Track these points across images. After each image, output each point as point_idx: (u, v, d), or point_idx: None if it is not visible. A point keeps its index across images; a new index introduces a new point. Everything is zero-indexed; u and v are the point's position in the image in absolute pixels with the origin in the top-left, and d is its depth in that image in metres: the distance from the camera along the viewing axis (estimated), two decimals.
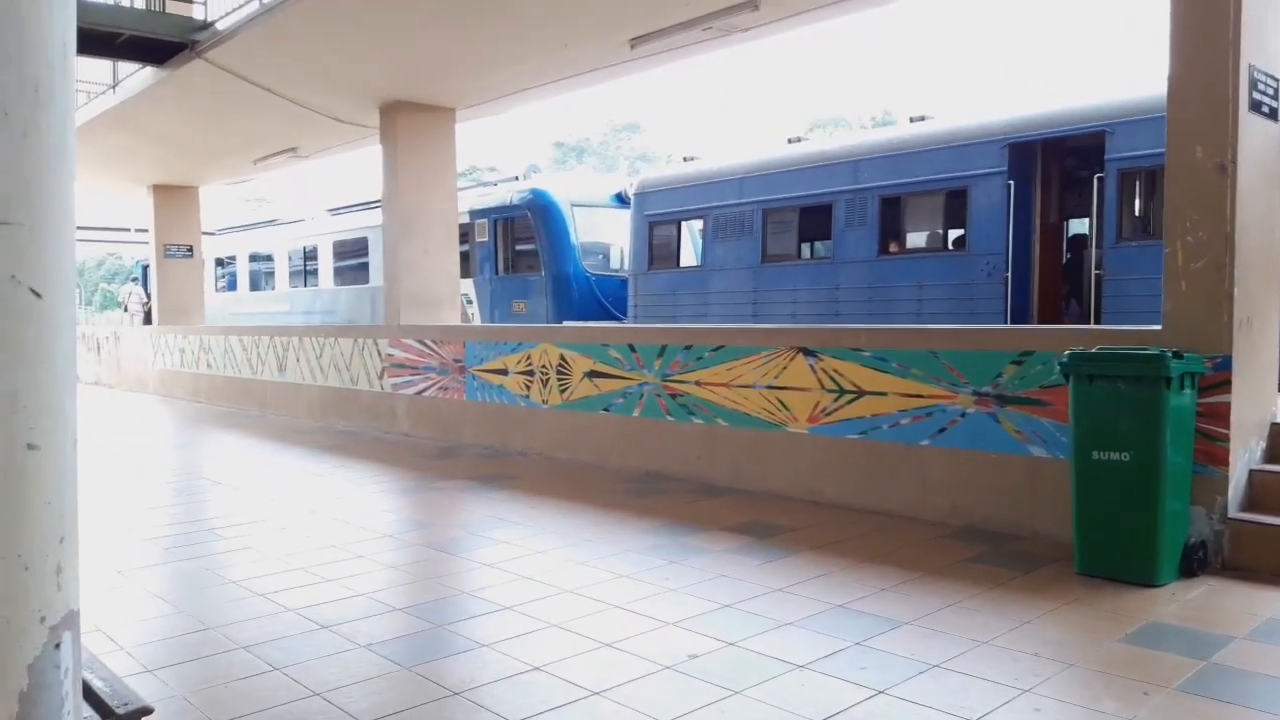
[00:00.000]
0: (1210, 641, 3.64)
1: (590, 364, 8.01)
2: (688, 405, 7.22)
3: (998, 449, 5.48)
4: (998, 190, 10.42)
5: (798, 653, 3.59)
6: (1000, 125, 10.63)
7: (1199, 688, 3.21)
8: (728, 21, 7.82)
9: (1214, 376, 4.61)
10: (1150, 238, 9.00)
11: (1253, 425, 4.81)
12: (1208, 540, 4.60)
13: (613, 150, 56.64)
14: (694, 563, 4.89)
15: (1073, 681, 3.31)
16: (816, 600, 4.23)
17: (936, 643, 3.67)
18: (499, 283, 15.98)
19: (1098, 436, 4.51)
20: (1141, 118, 9.09)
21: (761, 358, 6.72)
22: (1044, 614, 4.01)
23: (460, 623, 4.03)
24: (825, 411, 6.34)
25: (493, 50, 8.63)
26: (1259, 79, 4.72)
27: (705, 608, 4.15)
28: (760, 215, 12.70)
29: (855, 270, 11.66)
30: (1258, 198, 4.77)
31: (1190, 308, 4.72)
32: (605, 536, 5.50)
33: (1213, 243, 4.65)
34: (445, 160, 10.76)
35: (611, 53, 8.75)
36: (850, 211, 11.71)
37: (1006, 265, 10.33)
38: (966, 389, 5.63)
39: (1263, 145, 4.80)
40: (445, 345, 9.72)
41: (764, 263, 12.66)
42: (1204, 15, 4.67)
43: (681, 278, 13.89)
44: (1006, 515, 5.44)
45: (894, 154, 11.48)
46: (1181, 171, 4.77)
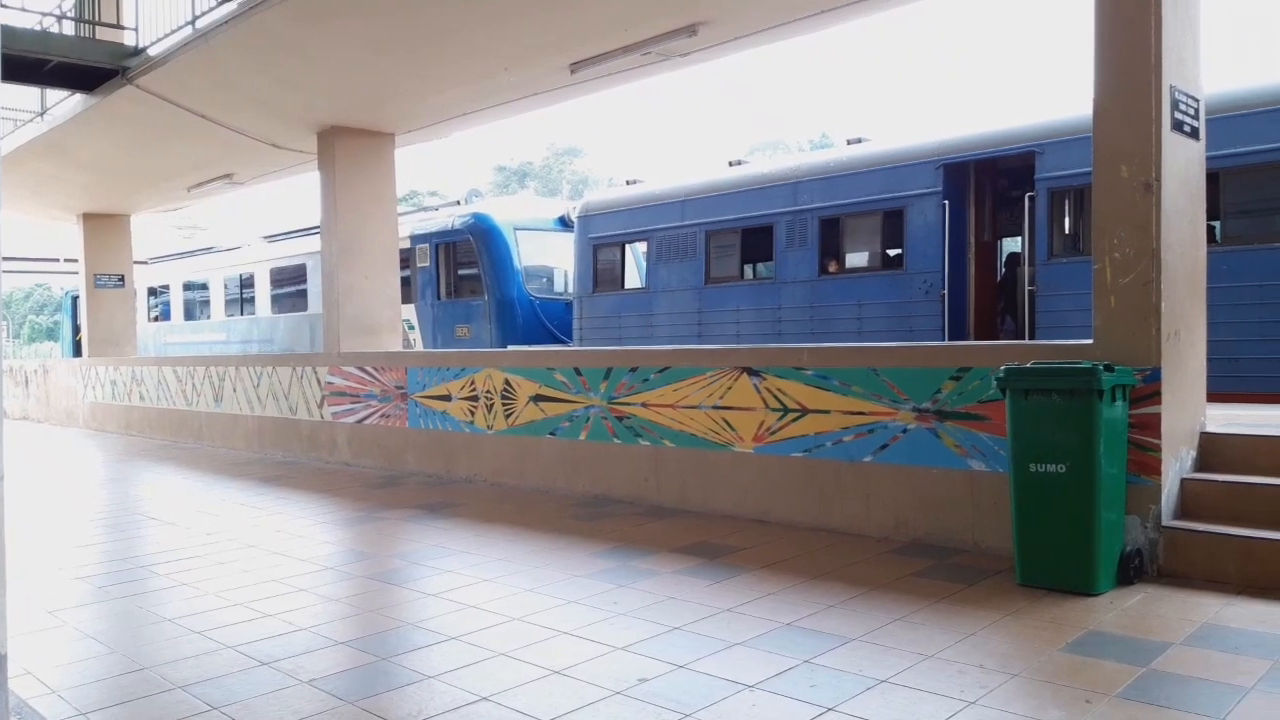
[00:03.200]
0: (1148, 648, 3.72)
1: (536, 388, 7.96)
2: (634, 427, 7.21)
3: (939, 464, 5.56)
4: (933, 210, 10.64)
5: (747, 673, 3.58)
6: (934, 147, 10.88)
7: (1139, 694, 3.27)
8: (666, 46, 7.89)
9: (1144, 388, 4.73)
10: (1080, 254, 9.25)
11: (1183, 435, 4.95)
12: (1143, 549, 4.71)
13: (555, 174, 56.74)
14: (643, 586, 4.86)
15: (1017, 692, 3.35)
16: (765, 619, 4.23)
17: (884, 658, 3.69)
18: (441, 308, 15.84)
19: (1034, 449, 4.60)
20: (1070, 138, 9.37)
21: (707, 378, 6.74)
22: (988, 626, 4.06)
23: (405, 655, 3.96)
24: (770, 431, 6.37)
25: (432, 75, 8.60)
26: (1180, 99, 4.89)
27: (655, 631, 4.13)
28: (703, 237, 12.80)
29: (797, 290, 11.80)
30: (1182, 214, 4.93)
31: (1120, 322, 4.85)
32: (553, 562, 5.45)
33: (1140, 258, 4.79)
34: (385, 185, 10.66)
35: (552, 77, 8.78)
36: (791, 232, 11.86)
37: (943, 283, 10.54)
38: (907, 405, 5.70)
39: (1185, 163, 4.97)
40: (387, 372, 9.59)
41: (708, 284, 12.75)
42: (1127, 39, 4.83)
43: (626, 300, 13.92)
44: (949, 529, 5.51)
45: (832, 176, 11.67)
46: (1108, 190, 4.92)
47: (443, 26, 7.39)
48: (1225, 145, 7.92)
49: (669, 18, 7.31)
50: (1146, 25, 4.76)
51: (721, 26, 7.54)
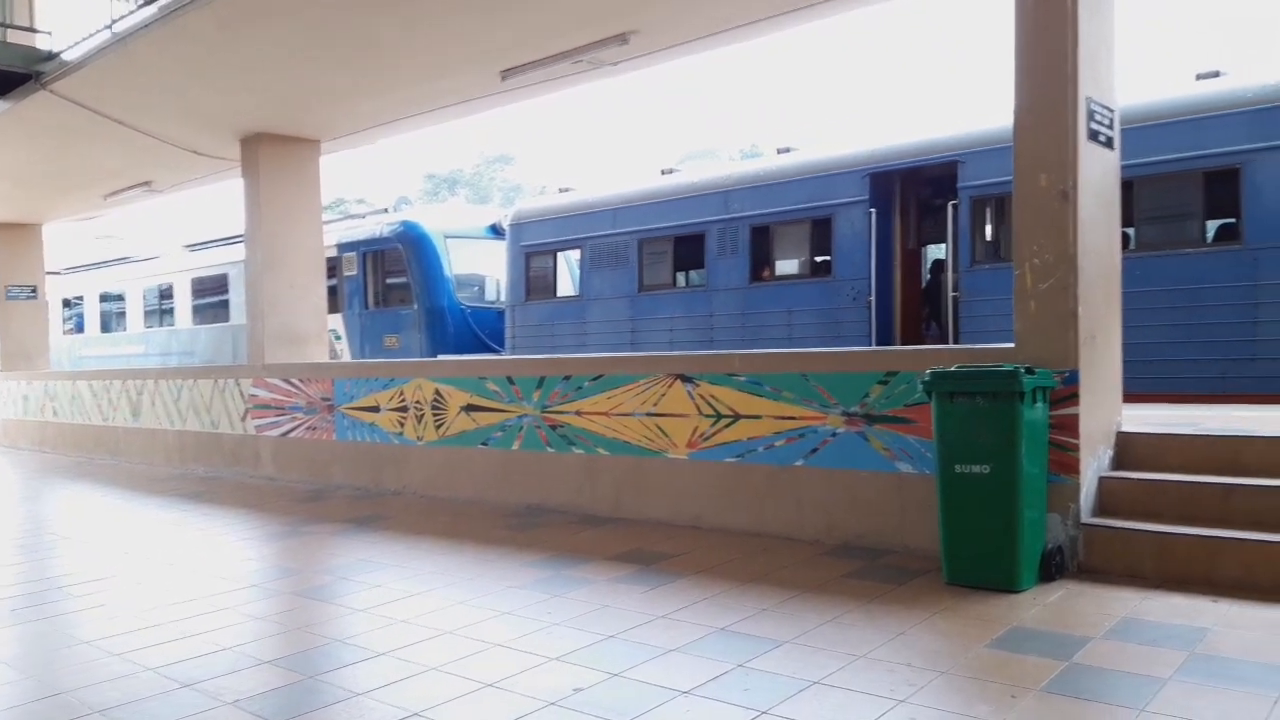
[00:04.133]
0: (1070, 643, 3.81)
1: (467, 398, 7.88)
2: (568, 436, 7.18)
3: (868, 467, 5.65)
4: (860, 218, 10.84)
5: (682, 679, 3.58)
6: (861, 156, 11.08)
7: (1062, 688, 3.35)
8: (597, 55, 7.90)
9: (1063, 390, 4.88)
10: (1002, 261, 9.50)
11: (1100, 435, 5.10)
12: (1064, 546, 4.84)
13: (485, 181, 56.32)
14: (577, 595, 4.83)
15: (946, 689, 3.41)
16: (700, 625, 4.24)
17: (816, 659, 3.73)
18: (369, 317, 15.61)
19: (959, 451, 4.70)
20: (991, 148, 9.63)
21: (640, 385, 6.75)
22: (916, 624, 4.13)
23: (333, 672, 3.86)
24: (703, 437, 6.40)
25: (359, 81, 8.46)
26: (1096, 110, 5.06)
27: (589, 640, 4.10)
28: (636, 245, 12.84)
29: (728, 297, 11.90)
30: (1097, 222, 5.10)
31: (1040, 326, 4.99)
32: (486, 574, 5.38)
33: (1058, 265, 4.93)
34: (310, 193, 10.46)
35: (482, 84, 8.71)
36: (722, 240, 11.97)
37: (870, 290, 10.73)
38: (836, 410, 5.78)
39: (1101, 172, 5.15)
40: (312, 383, 9.39)
41: (641, 292, 12.79)
42: (1045, 52, 4.99)
43: (559, 308, 13.88)
44: (878, 530, 5.59)
45: (762, 184, 11.82)
46: (1028, 198, 5.06)
47: (371, 33, 7.28)
48: (1138, 155, 8.22)
49: (600, 26, 7.31)
50: (1064, 39, 4.92)
51: (653, 36, 7.57)
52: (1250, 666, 3.46)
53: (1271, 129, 8.39)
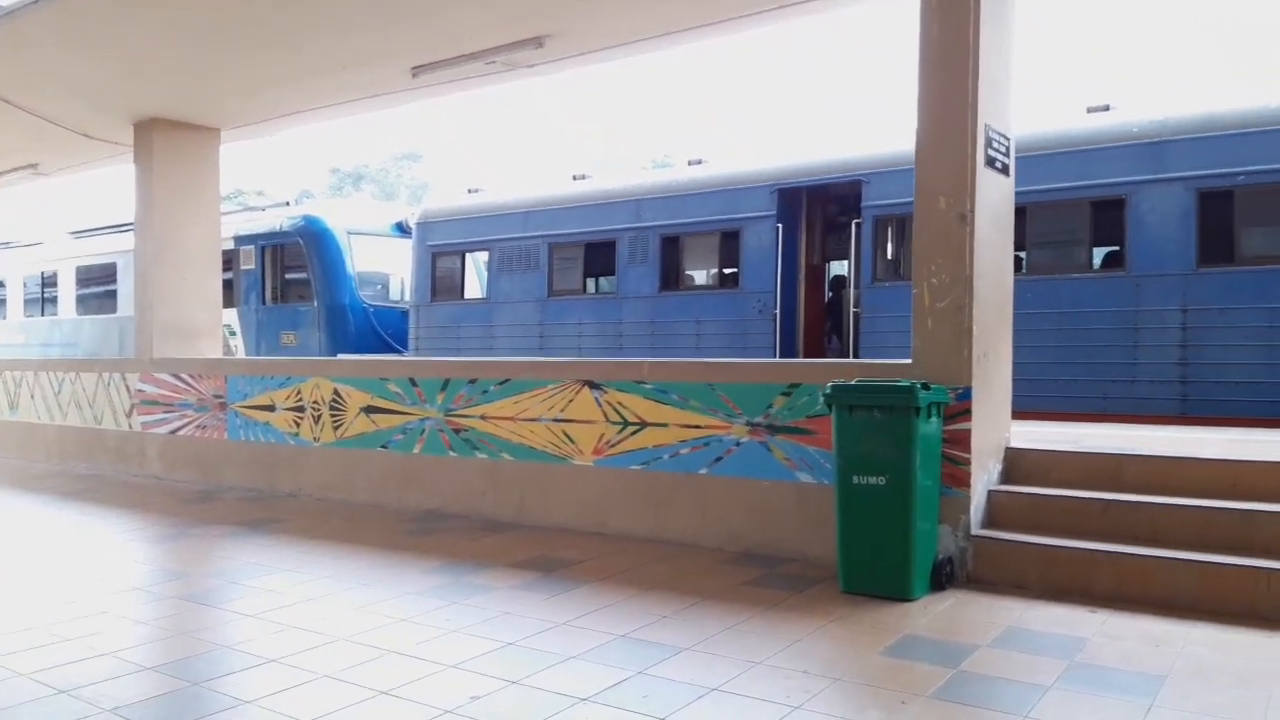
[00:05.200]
0: (958, 650, 3.94)
1: (367, 399, 7.70)
2: (472, 440, 7.09)
3: (770, 476, 5.74)
4: (767, 233, 11.03)
5: (582, 686, 3.57)
6: (770, 172, 11.29)
7: (950, 694, 3.46)
8: (511, 57, 7.84)
9: (957, 406, 5.05)
10: (901, 279, 9.79)
11: (990, 449, 5.30)
12: (954, 556, 5.01)
13: (393, 178, 55.23)
14: (477, 602, 4.77)
15: (839, 695, 3.49)
16: (601, 632, 4.23)
17: (715, 666, 3.76)
18: (266, 313, 15.14)
19: (857, 462, 4.82)
20: (894, 169, 9.92)
21: (548, 391, 6.71)
22: (812, 632, 4.21)
23: (220, 679, 3.72)
24: (610, 443, 6.41)
25: (263, 70, 8.20)
26: (994, 138, 5.27)
27: (488, 647, 4.06)
28: (546, 249, 12.79)
29: (638, 305, 11.95)
30: (992, 245, 5.30)
31: (936, 343, 5.16)
32: (382, 579, 5.27)
33: (955, 285, 5.11)
34: (208, 182, 10.08)
35: (392, 80, 8.54)
36: (633, 248, 12.02)
37: (776, 303, 10.93)
38: (741, 419, 5.86)
39: (997, 197, 5.36)
40: (204, 380, 9.05)
41: (550, 296, 12.74)
42: (947, 80, 5.17)
43: (466, 310, 13.72)
44: (778, 539, 5.69)
45: (674, 195, 11.92)
46: (927, 220, 5.24)
47: (277, 22, 7.07)
48: (1031, 182, 8.58)
49: (516, 29, 7.26)
50: (965, 68, 5.11)
51: (568, 41, 7.56)
52: (1126, 675, 3.63)
53: (1155, 162, 8.88)
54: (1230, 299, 8.48)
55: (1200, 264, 8.64)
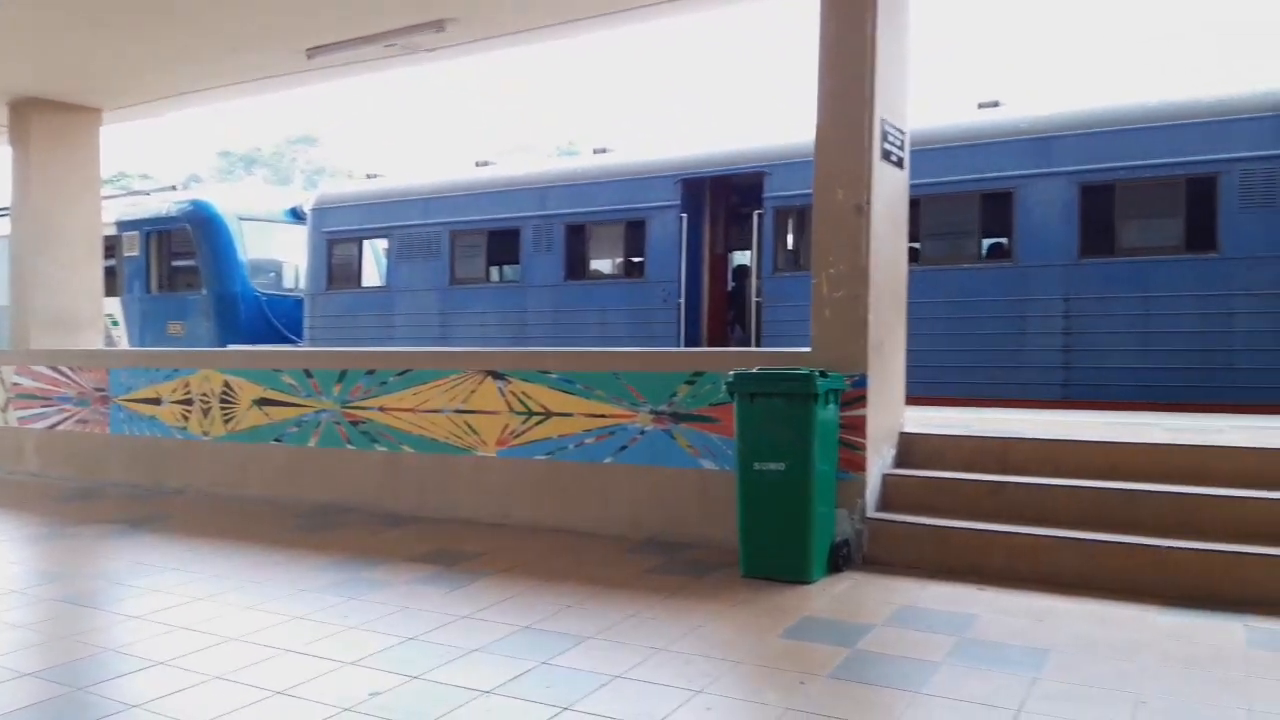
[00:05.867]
0: (855, 630, 4.05)
1: (260, 391, 7.46)
2: (370, 432, 6.93)
3: (673, 464, 5.78)
4: (672, 222, 11.09)
5: (484, 679, 3.53)
6: (674, 162, 11.34)
7: (847, 673, 3.55)
8: (411, 40, 7.66)
9: (853, 393, 5.17)
10: (801, 269, 9.97)
11: (885, 434, 5.45)
12: (850, 539, 5.13)
13: (287, 162, 53.51)
14: (375, 597, 4.67)
15: (740, 678, 3.54)
16: (503, 624, 4.19)
17: (618, 654, 3.77)
18: (151, 302, 14.51)
19: (758, 449, 4.89)
20: (794, 161, 10.08)
21: (449, 381, 6.61)
22: (714, 617, 4.26)
23: (104, 684, 3.55)
24: (514, 434, 6.35)
25: (147, 49, 7.82)
26: (889, 132, 5.40)
27: (388, 643, 3.97)
28: (448, 237, 12.59)
29: (543, 294, 11.88)
30: (888, 236, 5.44)
31: (833, 332, 5.28)
32: (276, 577, 5.11)
33: (852, 275, 5.23)
34: (89, 165, 9.59)
35: (286, 61, 8.25)
36: (538, 237, 11.93)
37: (680, 292, 11.00)
38: (645, 408, 5.88)
39: (892, 189, 5.49)
40: (85, 372, 8.62)
41: (452, 285, 12.55)
42: (845, 75, 5.28)
43: (364, 299, 13.41)
44: (681, 526, 5.73)
45: (579, 183, 11.87)
46: (826, 211, 5.34)
47: None
48: (925, 175, 8.84)
49: (416, 11, 7.09)
50: (862, 63, 5.23)
51: (470, 25, 7.43)
52: (1012, 649, 3.78)
53: (1041, 157, 9.25)
54: (1109, 288, 8.91)
55: (1082, 255, 9.04)
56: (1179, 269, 8.66)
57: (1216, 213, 8.52)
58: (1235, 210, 8.43)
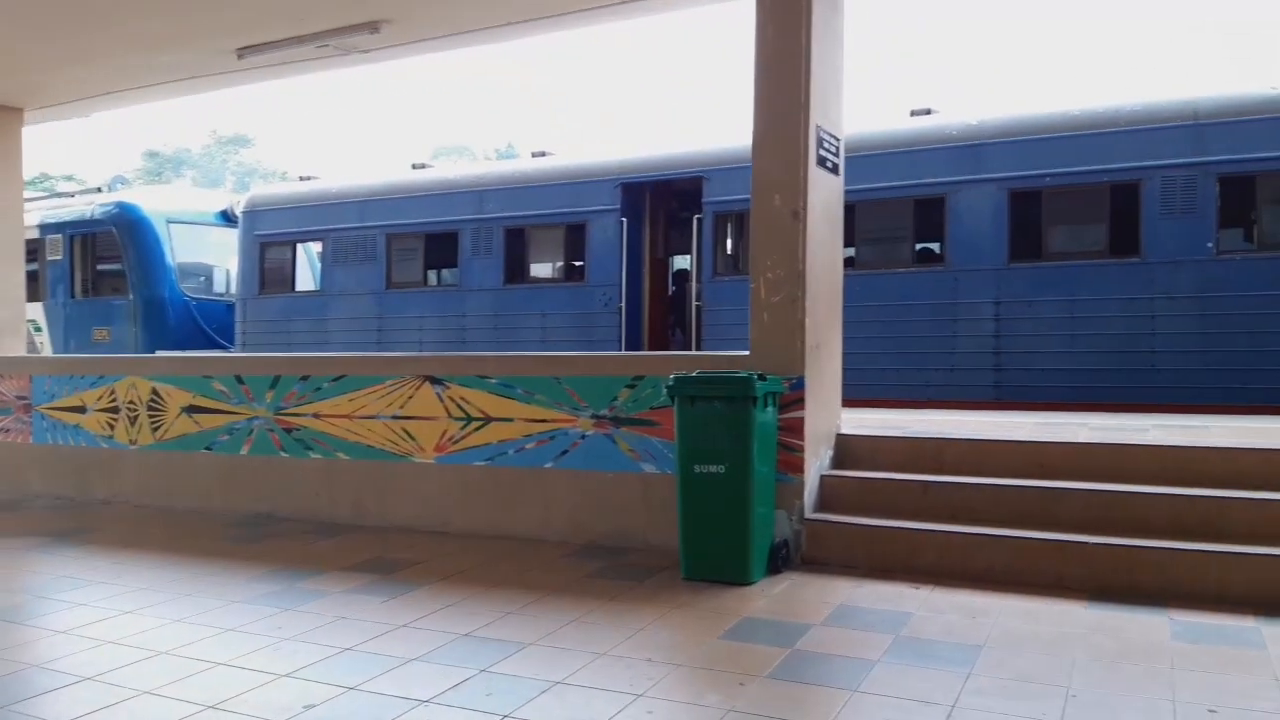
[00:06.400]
0: (793, 630, 4.09)
1: (190, 398, 7.28)
2: (305, 439, 6.81)
3: (614, 468, 5.78)
4: (612, 226, 11.10)
5: (422, 688, 3.49)
6: (614, 166, 11.36)
7: (786, 673, 3.59)
8: (345, 41, 7.55)
9: (791, 395, 5.23)
10: (740, 273, 10.06)
11: (823, 436, 5.52)
12: (789, 540, 5.19)
13: (217, 163, 52.26)
14: (311, 608, 4.59)
15: (681, 681, 3.56)
16: (442, 632, 4.15)
17: (560, 660, 3.76)
18: (76, 307, 14.08)
19: (698, 452, 4.92)
20: (733, 166, 10.17)
21: (386, 387, 6.53)
22: (655, 620, 4.27)
23: (27, 701, 3.43)
24: (453, 440, 6.29)
25: (70, 47, 7.57)
26: (824, 138, 5.48)
27: (324, 654, 3.91)
28: (384, 240, 12.43)
29: (482, 298, 11.80)
30: (824, 241, 5.52)
31: (772, 336, 5.34)
32: (208, 589, 4.99)
33: (789, 279, 5.30)
34: (10, 166, 9.27)
35: (215, 61, 8.07)
36: (477, 240, 11.85)
37: (621, 296, 11.02)
38: (586, 412, 5.88)
39: (828, 195, 5.58)
40: (6, 379, 8.32)
41: (389, 289, 12.40)
42: (781, 83, 5.35)
43: (298, 303, 13.17)
44: (622, 530, 5.74)
45: (518, 187, 11.82)
46: (763, 217, 5.40)
47: None
48: (859, 181, 8.99)
49: (350, 12, 6.99)
50: (797, 71, 5.30)
51: (405, 27, 7.35)
52: (946, 646, 3.86)
53: (971, 164, 9.46)
54: (1037, 292, 9.16)
55: (1011, 260, 9.27)
56: (1103, 273, 8.93)
57: (1139, 219, 8.82)
58: (1156, 216, 8.73)
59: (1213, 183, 8.55)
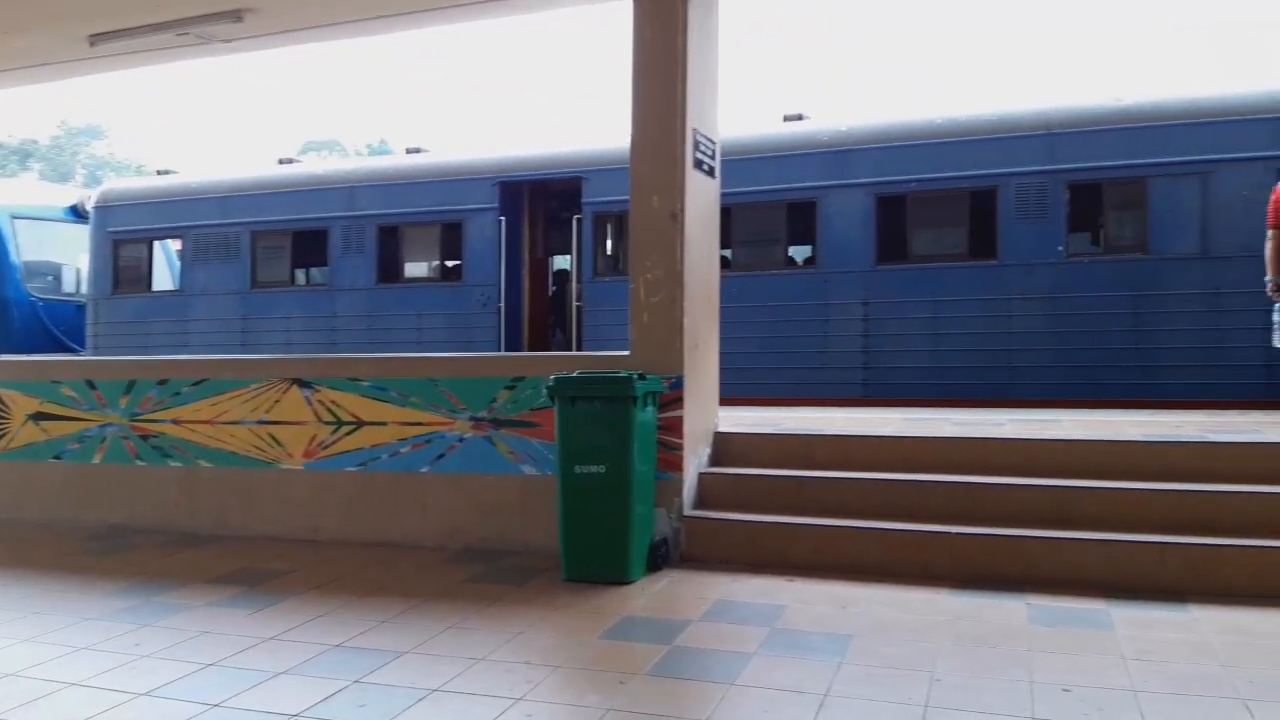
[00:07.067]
0: (673, 627, 4.13)
1: (36, 404, 6.81)
2: (163, 447, 6.47)
3: (493, 470, 5.71)
4: (490, 225, 10.97)
5: (291, 702, 3.36)
6: (492, 164, 11.23)
7: (665, 670, 3.61)
8: (206, 30, 7.21)
9: (671, 395, 5.28)
10: (620, 274, 10.10)
11: (701, 435, 5.60)
12: (669, 537, 5.24)
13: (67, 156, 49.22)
14: (171, 623, 4.36)
15: (561, 682, 3.54)
16: (313, 644, 4.01)
17: (437, 667, 3.68)
18: None
19: (578, 452, 4.91)
20: (612, 167, 10.19)
21: (251, 391, 6.27)
22: (535, 623, 4.24)
23: None
24: (323, 445, 6.09)
25: None
26: (700, 141, 5.56)
27: (186, 670, 3.72)
28: (249, 237, 11.94)
29: (353, 298, 11.47)
30: (700, 242, 5.60)
31: (651, 336, 5.38)
32: (58, 606, 4.68)
33: (668, 280, 5.35)
34: None
35: (65, 48, 7.57)
36: (347, 238, 11.51)
37: (500, 296, 10.91)
38: (464, 415, 5.79)
39: (704, 197, 5.66)
40: None
41: (254, 288, 11.92)
42: (658, 87, 5.40)
43: (155, 303, 12.52)
44: (501, 533, 5.67)
45: (392, 183, 11.55)
46: (642, 218, 5.44)
47: None
48: (735, 185, 9.16)
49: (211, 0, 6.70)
50: (674, 75, 5.36)
51: (270, 17, 7.06)
52: (819, 637, 3.96)
53: (841, 169, 9.77)
54: (903, 293, 9.52)
55: (878, 262, 9.62)
56: (964, 275, 9.36)
57: (996, 223, 9.28)
58: (1013, 220, 9.20)
59: (1063, 189, 9.07)
